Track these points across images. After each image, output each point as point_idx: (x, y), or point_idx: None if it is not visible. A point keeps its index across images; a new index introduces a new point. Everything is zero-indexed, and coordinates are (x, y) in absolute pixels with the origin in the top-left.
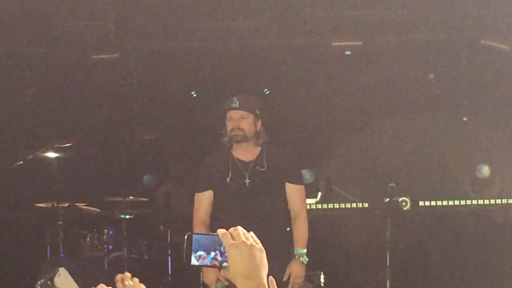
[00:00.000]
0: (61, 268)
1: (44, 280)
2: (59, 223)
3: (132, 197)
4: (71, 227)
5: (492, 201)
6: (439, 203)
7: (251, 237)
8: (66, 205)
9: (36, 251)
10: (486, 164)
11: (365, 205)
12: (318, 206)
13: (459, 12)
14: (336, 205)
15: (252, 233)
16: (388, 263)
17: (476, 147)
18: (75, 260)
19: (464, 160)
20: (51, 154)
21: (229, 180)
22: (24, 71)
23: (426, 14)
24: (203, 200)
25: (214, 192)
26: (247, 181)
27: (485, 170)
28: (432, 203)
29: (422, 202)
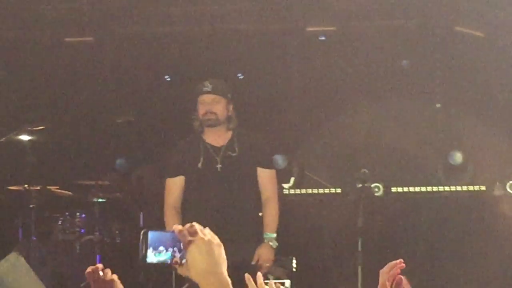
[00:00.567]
0: (12, 253)
1: None
2: (31, 206)
3: (104, 180)
4: (43, 210)
5: (464, 188)
6: (411, 189)
7: (208, 233)
8: (38, 188)
9: (8, 234)
10: (459, 150)
11: (338, 190)
12: (291, 191)
13: None
14: (309, 191)
15: (208, 229)
16: (360, 249)
17: (449, 133)
18: (47, 243)
19: (437, 146)
20: (23, 137)
21: (200, 165)
22: None
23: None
24: (174, 185)
25: (186, 178)
26: (219, 166)
27: (457, 157)
28: (405, 189)
29: (395, 188)
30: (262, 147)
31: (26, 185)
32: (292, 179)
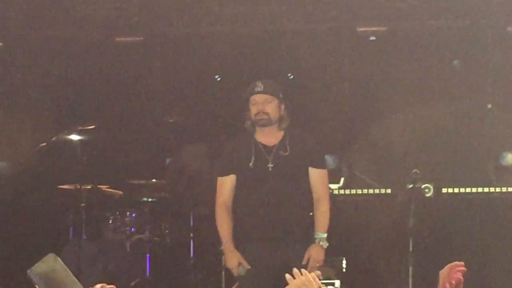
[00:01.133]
0: (50, 255)
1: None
2: (82, 205)
3: (155, 180)
4: (93, 210)
5: None
6: (462, 190)
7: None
8: (89, 187)
9: (59, 233)
10: (510, 151)
11: (388, 191)
12: (341, 191)
13: None
14: (358, 191)
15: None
16: (411, 249)
17: (500, 134)
18: (97, 242)
19: (488, 147)
20: (74, 136)
21: (252, 164)
22: (48, 54)
23: (452, 0)
24: (226, 184)
25: (237, 177)
26: (270, 165)
27: (509, 158)
28: (456, 190)
29: (445, 189)
30: (314, 147)
31: (77, 185)
32: (342, 179)
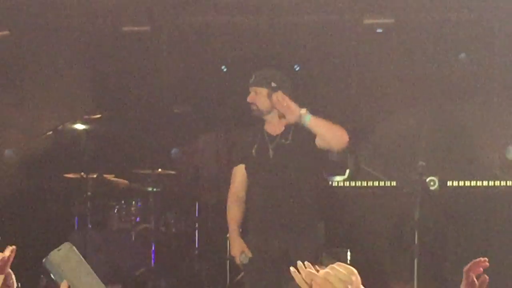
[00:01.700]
0: (66, 243)
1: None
2: (88, 194)
3: (160, 169)
4: (99, 199)
5: None
6: (467, 183)
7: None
8: (95, 176)
9: (64, 222)
10: None
11: (393, 183)
12: (346, 183)
13: None
14: (364, 183)
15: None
16: (416, 242)
17: (506, 128)
18: (102, 231)
19: (494, 141)
20: (80, 126)
21: (254, 152)
22: (55, 43)
23: None
24: (236, 174)
25: (246, 166)
26: (271, 153)
27: None
28: (461, 183)
29: (450, 182)
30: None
31: (82, 173)
32: (347, 171)
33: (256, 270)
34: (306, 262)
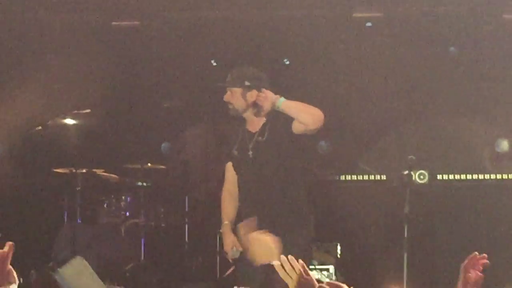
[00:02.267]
0: (77, 257)
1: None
2: (77, 189)
3: (150, 164)
4: (88, 193)
5: (510, 176)
6: (457, 177)
7: None
8: (84, 171)
9: (53, 216)
10: (506, 138)
11: (383, 177)
12: (336, 177)
13: None
14: (353, 177)
15: None
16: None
17: (495, 121)
18: (92, 226)
19: (483, 134)
20: (69, 120)
21: (236, 152)
22: (43, 37)
23: None
24: (227, 170)
25: (232, 164)
26: (250, 153)
27: (504, 145)
28: (451, 176)
29: (440, 175)
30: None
31: (72, 168)
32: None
33: (247, 265)
34: (289, 257)
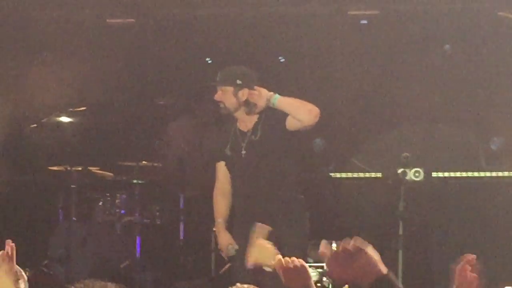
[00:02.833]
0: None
1: None
2: (72, 186)
3: (145, 161)
4: (84, 191)
5: (505, 173)
6: (452, 174)
7: None
8: (79, 168)
9: (49, 214)
10: (501, 136)
11: (378, 175)
12: (331, 175)
13: None
14: (349, 175)
15: None
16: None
17: (490, 119)
18: (87, 224)
19: (478, 132)
20: (65, 118)
21: (228, 151)
22: (38, 35)
23: None
24: (219, 170)
25: (225, 163)
26: (243, 152)
27: (499, 142)
28: (446, 174)
29: (435, 173)
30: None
31: (67, 166)
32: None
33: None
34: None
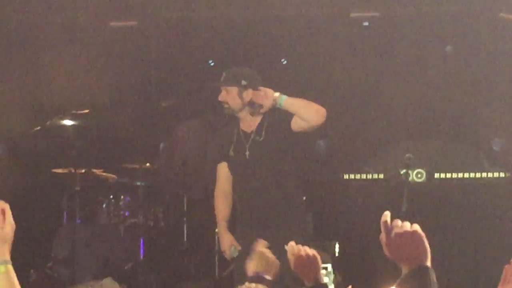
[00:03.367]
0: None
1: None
2: (76, 189)
3: (148, 164)
4: (87, 193)
5: (508, 174)
6: (454, 175)
7: None
8: (83, 171)
9: (53, 217)
10: (503, 137)
11: (381, 176)
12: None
13: None
14: (351, 176)
15: None
16: None
17: (493, 120)
18: (91, 226)
19: (480, 132)
20: (68, 121)
21: (232, 152)
22: (42, 37)
23: None
24: (220, 171)
25: (227, 164)
26: (247, 153)
27: (501, 144)
28: (448, 175)
29: (438, 174)
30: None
31: (71, 168)
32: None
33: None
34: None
